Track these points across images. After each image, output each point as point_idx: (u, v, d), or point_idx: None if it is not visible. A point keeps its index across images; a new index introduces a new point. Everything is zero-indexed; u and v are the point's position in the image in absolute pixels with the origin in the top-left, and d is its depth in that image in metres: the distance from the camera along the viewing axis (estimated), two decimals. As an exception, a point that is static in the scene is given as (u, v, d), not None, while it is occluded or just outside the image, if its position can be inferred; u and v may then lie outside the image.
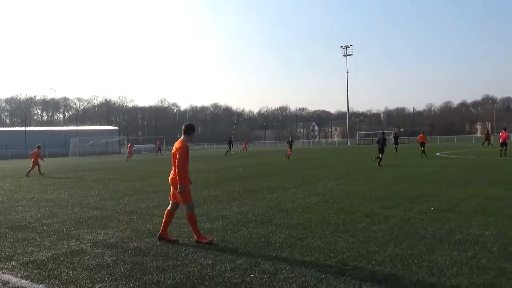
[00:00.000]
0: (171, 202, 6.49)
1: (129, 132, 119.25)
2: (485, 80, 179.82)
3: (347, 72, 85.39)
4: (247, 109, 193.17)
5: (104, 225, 7.80)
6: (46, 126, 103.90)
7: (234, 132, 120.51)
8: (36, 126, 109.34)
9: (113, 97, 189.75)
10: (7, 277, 4.86)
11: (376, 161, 21.34)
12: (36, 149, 22.26)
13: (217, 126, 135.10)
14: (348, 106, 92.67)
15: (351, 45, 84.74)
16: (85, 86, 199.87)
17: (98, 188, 14.42)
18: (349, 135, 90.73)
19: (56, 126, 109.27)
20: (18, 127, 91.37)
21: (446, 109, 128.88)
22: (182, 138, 6.41)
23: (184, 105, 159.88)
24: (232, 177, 17.04)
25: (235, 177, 16.99)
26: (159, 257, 5.50)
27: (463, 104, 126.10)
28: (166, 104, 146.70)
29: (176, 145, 6.33)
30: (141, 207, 9.85)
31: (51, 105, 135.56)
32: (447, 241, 5.83)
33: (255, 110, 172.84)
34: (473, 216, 7.51)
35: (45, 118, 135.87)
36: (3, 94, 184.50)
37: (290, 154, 32.06)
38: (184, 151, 6.18)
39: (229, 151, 43.24)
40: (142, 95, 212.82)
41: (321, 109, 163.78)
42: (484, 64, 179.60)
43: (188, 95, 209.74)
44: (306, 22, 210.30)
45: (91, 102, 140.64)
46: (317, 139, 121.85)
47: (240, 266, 5.00)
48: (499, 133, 27.93)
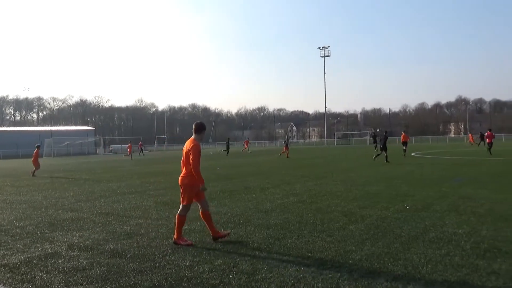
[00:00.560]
0: (198, 203, 6.39)
1: (105, 132, 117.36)
2: (458, 82, 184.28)
3: (325, 73, 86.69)
4: (225, 110, 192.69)
5: (80, 227, 7.66)
6: (19, 126, 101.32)
7: (213, 132, 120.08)
8: (9, 126, 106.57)
9: (89, 97, 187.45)
10: (-22, 281, 4.73)
11: (375, 159, 22.92)
12: (36, 149, 22.20)
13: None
14: (325, 107, 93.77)
15: (328, 47, 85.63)
16: (60, 85, 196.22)
17: (73, 189, 14.15)
18: (326, 136, 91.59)
19: (30, 126, 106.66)
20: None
21: (421, 110, 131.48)
22: (193, 137, 6.33)
23: (161, 105, 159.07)
24: (211, 177, 16.95)
25: (214, 177, 16.92)
26: (136, 259, 5.43)
27: (437, 105, 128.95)
28: (143, 104, 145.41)
29: (188, 145, 6.25)
30: (117, 208, 9.71)
31: (24, 105, 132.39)
32: (422, 240, 5.95)
33: (234, 110, 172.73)
34: (447, 214, 7.68)
35: (18, 118, 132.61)
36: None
37: (284, 153, 33.82)
38: (197, 150, 6.12)
39: (227, 151, 44.57)
40: (119, 95, 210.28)
41: (299, 110, 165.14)
42: (457, 66, 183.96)
43: (166, 95, 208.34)
44: (284, 23, 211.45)
45: (66, 102, 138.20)
46: (295, 140, 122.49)
47: (219, 267, 4.99)
48: (485, 134, 29.73)
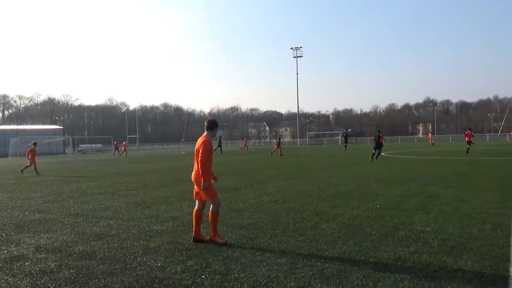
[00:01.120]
0: (196, 201, 6.30)
1: (74, 131, 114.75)
2: (427, 84, 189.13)
3: (297, 73, 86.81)
4: (198, 109, 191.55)
5: (47, 228, 7.46)
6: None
7: (185, 132, 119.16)
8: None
9: (57, 95, 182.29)
10: None
11: (373, 158, 23.48)
12: (33, 146, 22.02)
13: (168, 126, 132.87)
14: (298, 107, 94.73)
15: (301, 47, 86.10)
16: (26, 83, 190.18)
17: (40, 190, 13.76)
18: (299, 136, 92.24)
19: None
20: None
21: (391, 110, 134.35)
22: (205, 134, 6.26)
23: (133, 104, 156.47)
24: (183, 177, 16.83)
25: (186, 177, 16.78)
26: (106, 260, 5.33)
27: (406, 106, 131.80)
28: (114, 103, 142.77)
29: (199, 141, 6.17)
30: (87, 209, 9.51)
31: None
32: (391, 238, 6.07)
33: (206, 110, 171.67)
34: (415, 213, 7.87)
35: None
36: None
37: (276, 151, 35.11)
38: (208, 146, 6.05)
39: (219, 148, 45.18)
40: (88, 94, 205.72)
41: (272, 110, 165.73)
42: (426, 68, 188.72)
43: (137, 94, 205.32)
44: (257, 23, 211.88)
45: (33, 100, 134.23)
46: (268, 139, 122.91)
47: (191, 267, 4.95)
48: (464, 133, 31.78)
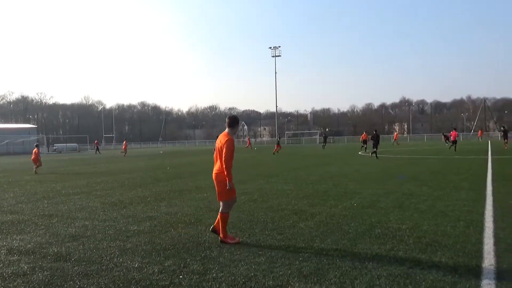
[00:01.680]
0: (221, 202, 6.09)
1: (48, 130, 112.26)
2: (402, 84, 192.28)
3: (276, 72, 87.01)
4: (176, 108, 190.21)
5: (20, 230, 7.27)
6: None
7: (163, 131, 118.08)
8: None
9: (31, 93, 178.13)
10: None
11: (372, 156, 24.70)
12: (35, 148, 22.61)
13: (145, 125, 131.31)
14: (276, 106, 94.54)
15: (279, 47, 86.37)
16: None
17: (13, 190, 13.42)
18: (277, 135, 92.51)
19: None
20: None
21: (368, 110, 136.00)
22: (226, 131, 6.07)
23: (109, 103, 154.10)
24: (161, 177, 16.68)
25: (164, 177, 16.65)
26: (81, 262, 5.24)
27: (382, 106, 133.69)
28: (90, 102, 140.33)
29: (222, 139, 5.98)
30: (62, 210, 9.32)
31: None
32: (368, 236, 6.15)
33: (184, 109, 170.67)
34: (391, 211, 7.99)
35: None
36: None
37: (277, 150, 36.90)
38: (232, 145, 5.86)
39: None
40: (63, 92, 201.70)
41: (250, 109, 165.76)
42: (401, 68, 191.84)
43: (114, 92, 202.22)
44: (236, 23, 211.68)
45: (6, 98, 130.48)
46: (246, 139, 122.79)
47: (169, 267, 4.91)
48: (450, 132, 33.77)
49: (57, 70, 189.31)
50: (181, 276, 4.59)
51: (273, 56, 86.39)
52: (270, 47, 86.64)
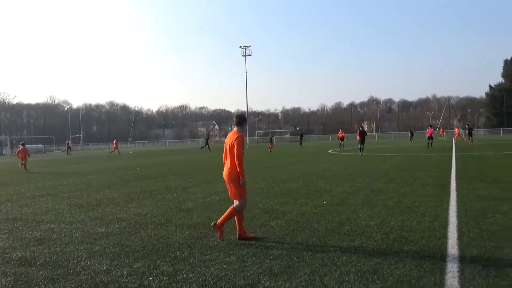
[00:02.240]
0: (235, 201, 6.08)
1: (12, 131, 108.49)
2: (371, 83, 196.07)
3: (246, 72, 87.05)
4: (145, 108, 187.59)
5: (-18, 235, 7.01)
6: None
7: (132, 131, 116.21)
8: None
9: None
10: None
11: (360, 154, 25.12)
12: (22, 147, 23.74)
13: (114, 125, 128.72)
14: (247, 105, 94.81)
15: (249, 46, 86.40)
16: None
17: (-26, 194, 12.91)
18: (248, 134, 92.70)
19: None
20: None
21: (337, 109, 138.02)
22: (235, 129, 6.09)
23: (76, 102, 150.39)
24: (130, 177, 16.42)
25: (133, 177, 16.40)
26: (47, 266, 5.09)
27: (351, 105, 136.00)
28: (56, 102, 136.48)
29: (232, 137, 5.97)
30: (26, 213, 9.03)
31: None
32: (338, 233, 6.24)
33: (154, 108, 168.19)
34: (360, 208, 8.14)
35: None
36: None
37: (271, 148, 38.37)
38: (243, 141, 5.87)
39: (206, 146, 46.61)
40: (28, 91, 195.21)
41: (221, 108, 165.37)
42: (370, 68, 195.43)
43: (81, 92, 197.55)
44: (206, 21, 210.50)
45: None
46: (217, 138, 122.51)
47: (138, 269, 4.84)
48: (426, 130, 38.34)
49: (21, 68, 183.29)
50: (150, 278, 4.53)
51: (243, 56, 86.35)
52: (241, 46, 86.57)
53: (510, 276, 4.23)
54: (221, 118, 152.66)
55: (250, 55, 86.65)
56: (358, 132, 27.36)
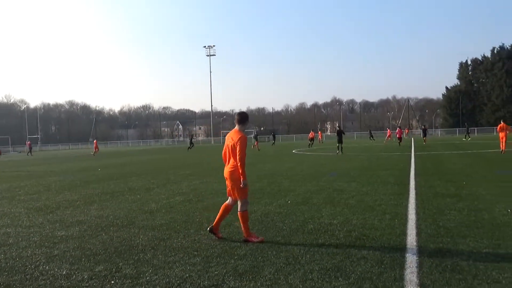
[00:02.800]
0: (229, 198, 5.98)
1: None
2: (333, 84, 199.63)
3: (210, 72, 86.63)
4: (107, 107, 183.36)
5: None
6: None
7: (93, 131, 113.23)
8: None
9: None
10: None
11: (338, 152, 25.85)
12: None
13: (74, 125, 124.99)
14: (211, 105, 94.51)
15: (214, 46, 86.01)
16: None
17: None
18: (213, 134, 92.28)
19: None
20: None
21: (301, 109, 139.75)
22: (237, 128, 5.89)
23: (34, 102, 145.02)
24: (91, 179, 15.99)
25: (94, 179, 15.98)
26: (3, 272, 4.89)
27: (315, 105, 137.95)
28: (12, 101, 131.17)
29: (233, 136, 5.78)
30: (-20, 217, 8.63)
31: None
32: (301, 232, 6.32)
33: (116, 108, 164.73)
34: (323, 207, 8.27)
35: None
36: None
37: (256, 146, 38.60)
38: (245, 142, 5.70)
39: (191, 146, 47.25)
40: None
41: (185, 108, 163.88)
42: (333, 70, 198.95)
43: (39, 91, 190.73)
44: (168, 20, 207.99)
45: None
46: (181, 138, 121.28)
47: (99, 273, 4.72)
48: (396, 130, 40.49)
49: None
50: (112, 281, 4.44)
51: (207, 55, 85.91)
52: (205, 46, 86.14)
53: (465, 270, 4.41)
54: (185, 118, 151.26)
55: (214, 55, 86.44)
56: (336, 131, 28.42)
